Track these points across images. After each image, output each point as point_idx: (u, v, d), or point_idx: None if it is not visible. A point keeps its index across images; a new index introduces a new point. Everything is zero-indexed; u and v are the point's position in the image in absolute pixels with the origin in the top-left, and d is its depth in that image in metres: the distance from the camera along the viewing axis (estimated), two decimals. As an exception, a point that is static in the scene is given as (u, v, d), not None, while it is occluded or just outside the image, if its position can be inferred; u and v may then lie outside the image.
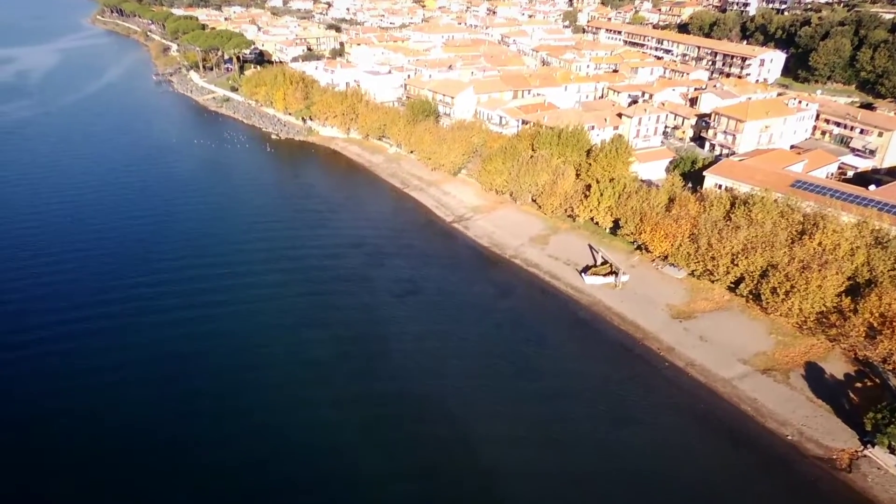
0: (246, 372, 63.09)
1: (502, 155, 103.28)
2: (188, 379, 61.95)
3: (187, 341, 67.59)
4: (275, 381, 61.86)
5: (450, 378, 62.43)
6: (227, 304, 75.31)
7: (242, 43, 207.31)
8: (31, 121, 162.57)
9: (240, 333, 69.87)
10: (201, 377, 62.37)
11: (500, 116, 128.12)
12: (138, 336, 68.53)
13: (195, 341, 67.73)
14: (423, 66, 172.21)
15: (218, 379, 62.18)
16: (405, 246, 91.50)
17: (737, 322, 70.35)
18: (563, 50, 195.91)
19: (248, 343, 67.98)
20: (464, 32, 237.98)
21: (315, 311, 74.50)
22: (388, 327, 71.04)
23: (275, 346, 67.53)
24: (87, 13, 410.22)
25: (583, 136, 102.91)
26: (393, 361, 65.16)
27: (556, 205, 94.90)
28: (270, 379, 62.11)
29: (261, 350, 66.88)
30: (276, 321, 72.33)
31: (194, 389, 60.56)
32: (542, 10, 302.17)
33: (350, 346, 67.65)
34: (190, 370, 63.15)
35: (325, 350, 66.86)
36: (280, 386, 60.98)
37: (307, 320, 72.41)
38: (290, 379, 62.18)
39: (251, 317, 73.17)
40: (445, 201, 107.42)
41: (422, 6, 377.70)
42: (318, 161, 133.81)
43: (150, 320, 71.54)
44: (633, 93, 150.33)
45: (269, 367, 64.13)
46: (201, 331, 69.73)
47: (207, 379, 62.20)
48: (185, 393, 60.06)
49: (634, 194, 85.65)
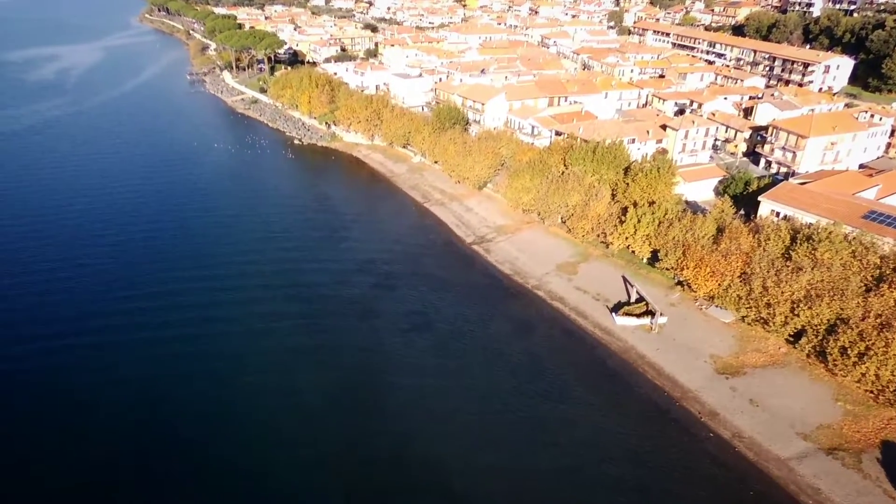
0: (226, 414, 56.73)
1: (530, 170, 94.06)
2: (159, 413, 56.16)
3: (167, 368, 62.58)
4: (254, 430, 54.92)
5: (451, 441, 54.04)
6: (217, 328, 69.39)
7: (274, 43, 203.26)
8: (61, 120, 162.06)
9: (227, 365, 63.64)
10: (177, 413, 56.48)
11: (533, 126, 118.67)
12: (115, 355, 64.32)
13: (174, 368, 62.67)
14: (456, 69, 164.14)
15: (194, 418, 56.12)
16: (419, 270, 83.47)
17: (795, 383, 59.52)
18: (605, 53, 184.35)
19: (235, 377, 61.59)
20: (502, 33, 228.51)
21: (312, 346, 67.35)
22: (387, 372, 63.13)
23: (261, 385, 60.71)
24: (137, 12, 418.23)
25: (620, 152, 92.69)
26: (388, 416, 57.19)
27: (588, 229, 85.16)
28: (250, 428, 55.19)
29: (246, 387, 60.25)
30: (267, 354, 65.62)
31: (163, 427, 54.58)
32: (587, 10, 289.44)
33: (343, 393, 60.12)
34: (163, 403, 57.64)
35: (315, 396, 59.56)
36: (259, 437, 53.97)
37: (302, 357, 65.28)
38: (271, 428, 55.22)
39: (242, 346, 66.85)
40: (467, 219, 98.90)
41: (462, 5, 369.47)
42: (337, 169, 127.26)
43: (133, 338, 67.01)
44: (680, 101, 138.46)
45: (252, 410, 57.40)
46: (185, 356, 64.54)
47: (181, 416, 56.16)
48: (155, 431, 54.12)
49: (677, 222, 75.23)
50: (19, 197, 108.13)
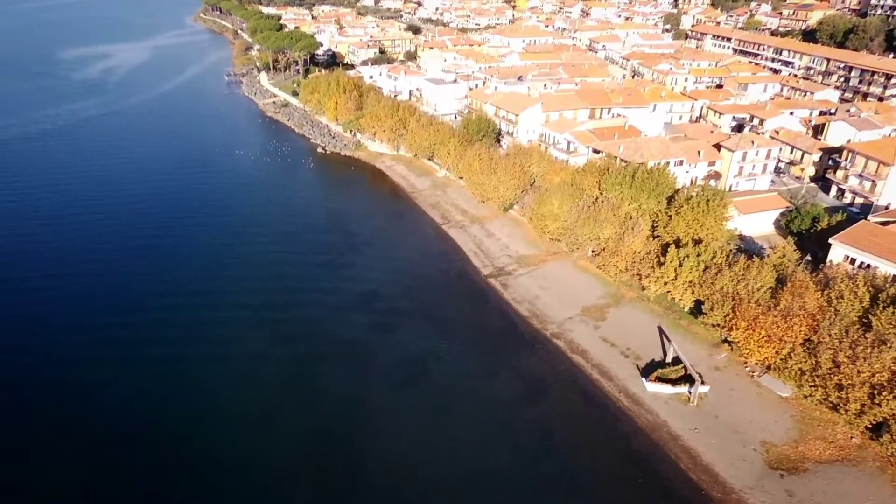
0: (187, 468, 49.52)
1: (559, 194, 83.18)
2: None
3: (130, 406, 55.99)
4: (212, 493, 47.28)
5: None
6: (189, 370, 61.92)
7: (310, 44, 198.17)
8: (92, 121, 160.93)
9: (194, 407, 56.88)
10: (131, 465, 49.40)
11: (568, 141, 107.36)
12: (86, 377, 59.43)
13: (135, 407, 56.49)
14: (493, 75, 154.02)
15: (151, 471, 49.15)
16: (425, 308, 74.12)
17: (872, 490, 47.06)
18: (657, 59, 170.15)
19: (198, 431, 54.09)
20: (548, 36, 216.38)
21: (293, 394, 59.31)
22: (371, 436, 54.18)
23: (229, 435, 53.66)
24: (193, 11, 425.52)
25: (664, 178, 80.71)
26: (358, 489, 48.28)
27: (622, 268, 73.81)
28: (209, 487, 47.69)
29: (207, 447, 52.56)
30: (240, 399, 58.17)
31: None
32: (641, 12, 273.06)
33: (317, 458, 51.70)
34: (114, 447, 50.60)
35: (286, 458, 51.35)
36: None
37: (279, 408, 57.30)
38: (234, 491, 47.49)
39: (215, 386, 59.60)
40: (487, 246, 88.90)
41: (512, 7, 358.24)
42: (357, 182, 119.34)
43: (102, 370, 61.00)
44: (739, 115, 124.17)
45: (213, 468, 49.78)
46: (153, 392, 58.49)
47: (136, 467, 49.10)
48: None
49: (727, 269, 63.12)
50: (24, 199, 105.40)
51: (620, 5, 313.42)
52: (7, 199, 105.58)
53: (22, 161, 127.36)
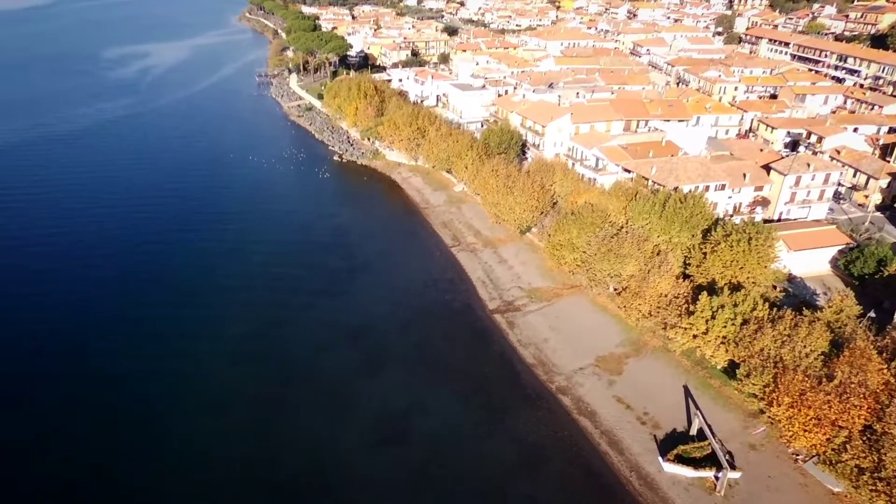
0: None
1: (577, 221, 73.73)
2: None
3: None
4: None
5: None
6: (147, 399, 56.16)
7: (339, 46, 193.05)
8: (119, 121, 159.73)
9: (142, 458, 50.43)
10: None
11: (597, 158, 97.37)
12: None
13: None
14: (525, 81, 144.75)
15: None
16: (418, 348, 66.27)
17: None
18: (705, 65, 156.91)
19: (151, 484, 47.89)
20: (589, 39, 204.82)
21: (257, 444, 52.74)
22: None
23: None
24: (240, 11, 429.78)
25: (700, 207, 70.22)
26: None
27: (645, 311, 63.97)
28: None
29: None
30: (193, 450, 51.60)
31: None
32: (692, 14, 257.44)
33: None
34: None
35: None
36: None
37: (238, 461, 50.72)
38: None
39: (178, 441, 53.08)
40: (497, 275, 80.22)
41: (556, 7, 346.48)
42: (368, 195, 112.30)
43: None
44: (794, 130, 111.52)
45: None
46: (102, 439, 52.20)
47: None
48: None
49: (769, 327, 52.73)
50: (31, 201, 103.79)
51: (670, 6, 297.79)
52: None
53: (42, 161, 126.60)
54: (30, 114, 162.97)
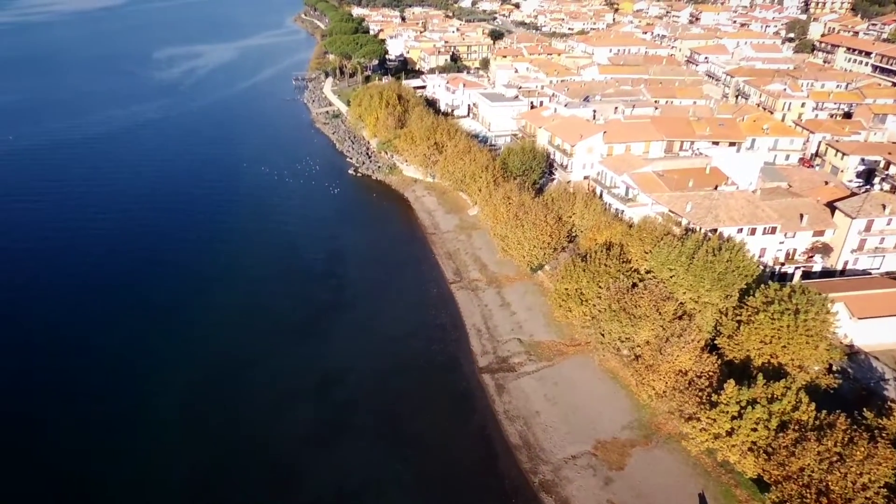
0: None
1: (587, 270, 62.33)
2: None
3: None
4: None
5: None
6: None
7: (373, 50, 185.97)
8: (148, 125, 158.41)
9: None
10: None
11: (627, 185, 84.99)
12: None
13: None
14: (563, 92, 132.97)
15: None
16: (389, 410, 56.98)
17: None
18: (770, 76, 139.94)
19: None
20: (640, 46, 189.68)
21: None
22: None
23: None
24: (296, 12, 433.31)
25: (739, 260, 57.40)
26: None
27: (659, 390, 52.13)
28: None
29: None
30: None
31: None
32: (761, 18, 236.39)
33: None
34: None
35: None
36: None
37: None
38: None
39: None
40: (495, 322, 69.74)
41: (614, 10, 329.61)
42: (376, 215, 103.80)
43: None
44: (870, 157, 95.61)
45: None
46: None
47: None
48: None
49: (813, 438, 40.19)
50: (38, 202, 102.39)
51: (738, 10, 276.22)
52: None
53: (63, 163, 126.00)
54: (62, 116, 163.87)
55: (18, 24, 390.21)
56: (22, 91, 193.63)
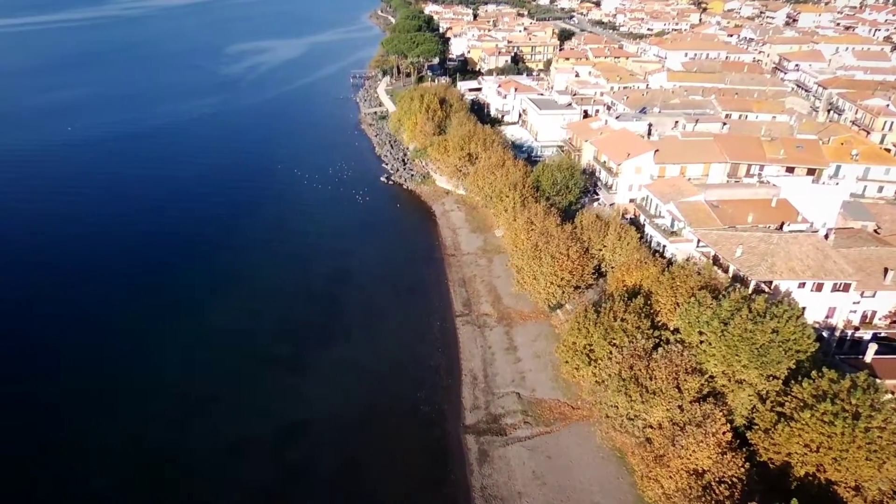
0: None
1: (601, 325, 52.00)
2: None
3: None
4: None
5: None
6: None
7: (428, 50, 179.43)
8: (199, 121, 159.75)
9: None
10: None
11: (673, 217, 72.96)
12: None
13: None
14: (623, 100, 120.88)
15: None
16: (349, 478, 49.18)
17: None
18: (870, 89, 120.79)
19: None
20: (722, 50, 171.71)
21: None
22: None
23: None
24: (373, 8, 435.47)
25: (790, 331, 45.23)
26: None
27: (671, 488, 41.50)
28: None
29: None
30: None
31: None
32: (869, 20, 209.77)
33: None
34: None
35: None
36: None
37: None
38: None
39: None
40: (496, 369, 60.68)
41: (701, 10, 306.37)
42: (398, 230, 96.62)
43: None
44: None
45: None
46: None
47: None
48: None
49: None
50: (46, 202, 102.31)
51: (844, 11, 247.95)
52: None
53: (102, 158, 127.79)
54: (120, 110, 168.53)
55: (114, 18, 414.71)
56: (93, 85, 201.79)
